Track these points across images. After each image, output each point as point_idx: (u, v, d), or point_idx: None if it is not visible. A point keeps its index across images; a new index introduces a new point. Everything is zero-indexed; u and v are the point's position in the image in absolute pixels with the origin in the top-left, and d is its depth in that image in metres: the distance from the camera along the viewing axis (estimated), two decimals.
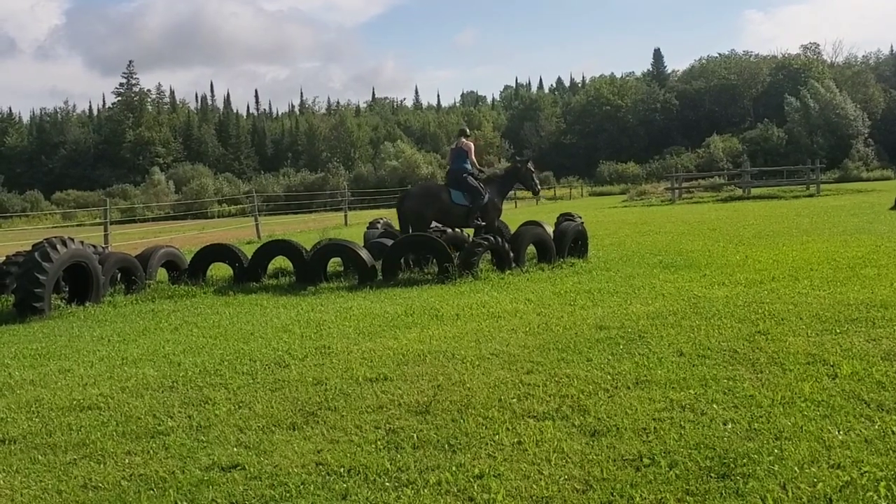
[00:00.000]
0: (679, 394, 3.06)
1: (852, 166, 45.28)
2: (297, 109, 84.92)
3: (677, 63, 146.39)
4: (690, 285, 5.79)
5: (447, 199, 8.43)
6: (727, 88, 64.18)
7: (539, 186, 9.45)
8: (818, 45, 70.47)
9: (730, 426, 2.66)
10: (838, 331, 3.97)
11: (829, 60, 67.15)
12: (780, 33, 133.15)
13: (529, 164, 9.03)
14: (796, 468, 2.29)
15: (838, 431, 2.56)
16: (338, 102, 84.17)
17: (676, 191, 25.57)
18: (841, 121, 51.69)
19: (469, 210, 8.44)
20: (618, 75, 75.00)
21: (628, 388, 3.19)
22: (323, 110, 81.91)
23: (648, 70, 75.67)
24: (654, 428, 2.69)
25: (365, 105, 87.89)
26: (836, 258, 6.80)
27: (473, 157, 8.70)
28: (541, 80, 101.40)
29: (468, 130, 9.51)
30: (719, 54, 69.77)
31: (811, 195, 21.78)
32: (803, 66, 61.63)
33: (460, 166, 8.60)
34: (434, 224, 8.51)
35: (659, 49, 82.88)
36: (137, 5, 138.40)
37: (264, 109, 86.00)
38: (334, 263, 7.99)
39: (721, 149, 53.25)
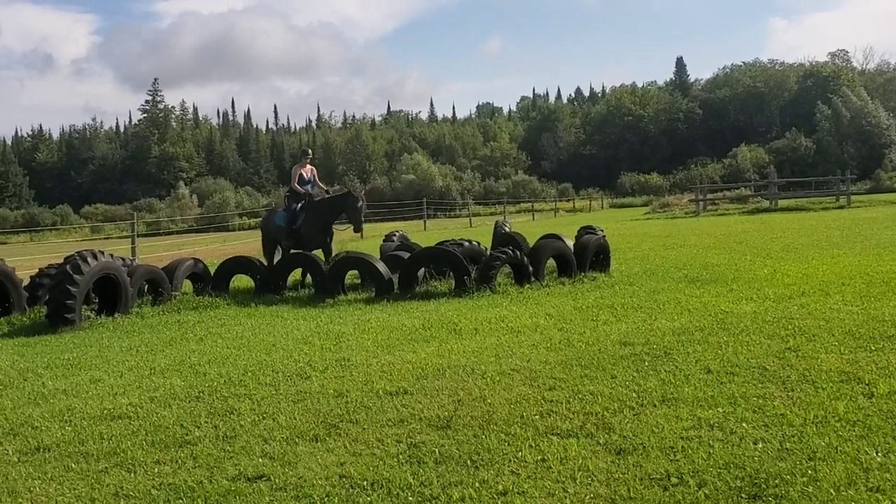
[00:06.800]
0: (707, 412, 3.00)
1: (885, 176, 43.98)
2: (314, 124, 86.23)
3: (700, 72, 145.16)
4: (717, 300, 5.68)
5: (273, 219, 8.93)
6: (753, 97, 63.06)
7: (362, 224, 8.48)
8: (847, 52, 68.87)
9: (760, 445, 2.59)
10: (873, 348, 3.84)
11: (859, 67, 65.62)
12: (806, 42, 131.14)
13: (357, 195, 8.24)
14: (832, 490, 2.22)
15: (876, 453, 2.47)
16: (353, 116, 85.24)
17: (701, 202, 25.18)
18: (873, 129, 50.43)
19: (283, 230, 8.67)
20: (639, 84, 74.22)
21: (654, 405, 3.13)
22: (339, 124, 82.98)
23: (671, 79, 74.65)
24: (682, 447, 2.63)
25: (380, 118, 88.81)
26: (869, 272, 6.60)
27: (294, 181, 8.83)
28: (559, 90, 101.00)
29: (309, 152, 9.46)
30: (744, 62, 68.73)
31: (841, 207, 21.24)
32: (832, 74, 60.33)
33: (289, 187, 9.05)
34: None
35: (681, 57, 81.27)
36: (171, 23, 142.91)
37: (282, 124, 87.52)
38: (352, 276, 8.06)
39: (747, 159, 52.33)
